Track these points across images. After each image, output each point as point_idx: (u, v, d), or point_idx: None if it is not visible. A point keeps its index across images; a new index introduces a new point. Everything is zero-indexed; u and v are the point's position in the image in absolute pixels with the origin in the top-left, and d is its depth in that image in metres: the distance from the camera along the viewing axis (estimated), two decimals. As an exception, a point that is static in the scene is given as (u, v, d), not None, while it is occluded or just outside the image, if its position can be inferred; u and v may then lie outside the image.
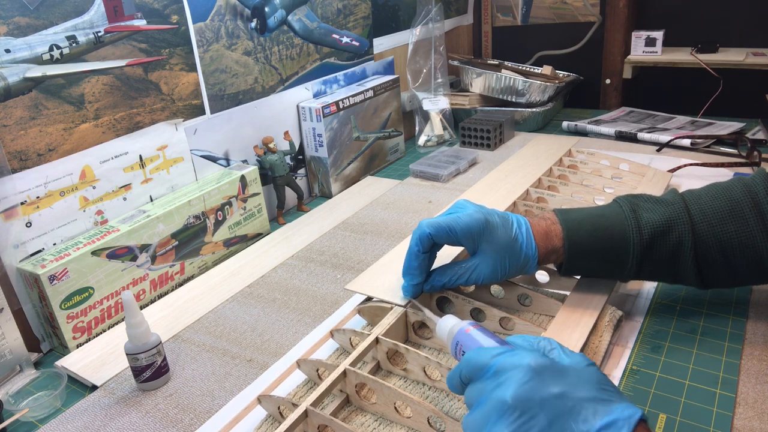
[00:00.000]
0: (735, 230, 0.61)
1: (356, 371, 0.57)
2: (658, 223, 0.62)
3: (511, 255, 0.63)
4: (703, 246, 0.61)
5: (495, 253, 0.63)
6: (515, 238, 0.63)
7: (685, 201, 0.64)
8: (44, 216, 0.75)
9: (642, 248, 0.62)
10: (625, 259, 0.63)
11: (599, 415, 0.39)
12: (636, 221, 0.63)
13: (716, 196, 0.63)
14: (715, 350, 0.63)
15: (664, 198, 0.65)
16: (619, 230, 0.63)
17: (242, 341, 0.72)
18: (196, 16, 0.90)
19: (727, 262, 0.62)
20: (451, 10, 1.63)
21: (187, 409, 0.62)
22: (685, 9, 1.49)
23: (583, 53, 1.62)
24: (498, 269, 0.63)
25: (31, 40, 0.70)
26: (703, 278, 0.63)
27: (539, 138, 1.29)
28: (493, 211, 0.65)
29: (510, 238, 0.63)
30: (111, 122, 0.81)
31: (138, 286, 0.81)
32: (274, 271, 0.87)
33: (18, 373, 0.70)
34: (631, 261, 0.63)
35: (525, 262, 0.63)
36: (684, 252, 0.62)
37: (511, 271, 0.64)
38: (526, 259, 0.63)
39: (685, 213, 0.62)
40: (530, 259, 0.63)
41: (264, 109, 1.05)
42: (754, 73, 1.36)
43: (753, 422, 0.53)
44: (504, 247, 0.62)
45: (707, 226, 0.61)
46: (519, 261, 0.63)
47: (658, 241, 0.62)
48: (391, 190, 1.13)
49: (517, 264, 0.63)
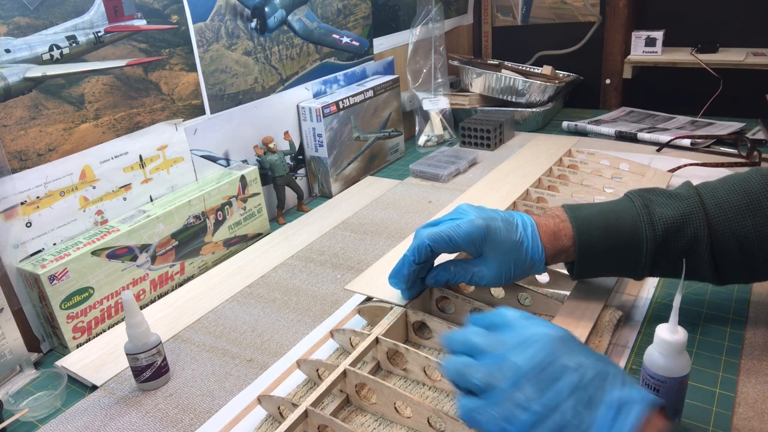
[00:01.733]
0: (753, 224, 0.58)
1: (356, 371, 0.57)
2: (672, 219, 0.59)
3: (516, 259, 0.62)
4: (720, 241, 0.59)
5: (499, 258, 0.62)
6: (520, 242, 0.61)
7: (700, 195, 0.61)
8: (44, 216, 0.75)
9: (656, 245, 0.60)
10: (638, 258, 0.61)
11: (618, 387, 0.40)
12: (649, 217, 0.60)
13: (733, 189, 0.60)
14: (715, 350, 0.63)
15: (677, 192, 0.63)
16: (632, 227, 0.61)
17: (242, 341, 0.72)
18: (196, 16, 0.90)
19: (745, 256, 0.59)
20: (451, 10, 1.63)
21: (187, 409, 0.62)
22: (685, 9, 1.49)
23: (583, 53, 1.62)
24: (502, 274, 0.62)
25: (31, 40, 0.70)
26: (720, 274, 0.61)
27: (539, 138, 1.29)
28: (495, 214, 0.63)
29: (514, 242, 0.61)
30: (111, 122, 0.81)
31: (138, 286, 0.81)
32: (274, 271, 0.87)
33: (18, 373, 0.70)
34: (645, 259, 0.60)
35: (531, 265, 0.62)
36: (700, 248, 0.59)
37: (516, 274, 0.63)
38: (532, 263, 0.62)
39: (700, 207, 0.60)
40: (537, 262, 0.62)
41: (264, 109, 1.05)
42: (754, 73, 1.36)
43: (753, 422, 0.53)
44: (508, 251, 0.61)
45: (724, 220, 0.59)
46: (524, 265, 0.62)
47: (672, 237, 0.59)
48: (391, 190, 1.13)
49: (522, 267, 0.62)
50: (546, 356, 0.42)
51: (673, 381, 0.49)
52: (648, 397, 0.40)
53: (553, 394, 0.40)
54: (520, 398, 0.40)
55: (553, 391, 0.40)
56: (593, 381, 0.40)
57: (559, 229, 0.63)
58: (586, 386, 0.40)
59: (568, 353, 0.42)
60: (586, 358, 0.42)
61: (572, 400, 0.39)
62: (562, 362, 0.41)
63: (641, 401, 0.39)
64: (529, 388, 0.40)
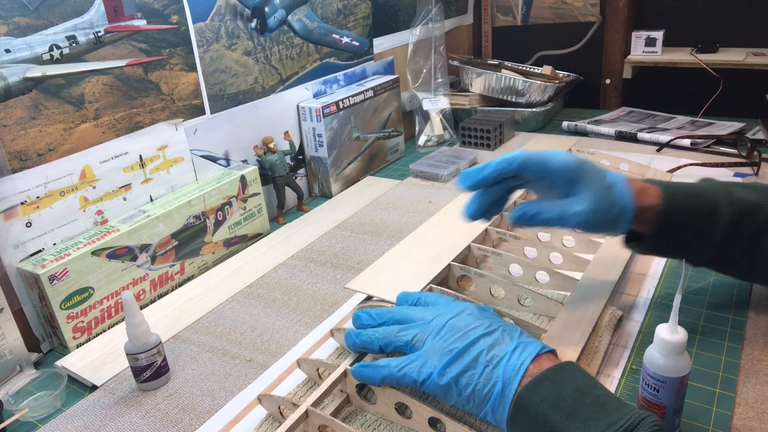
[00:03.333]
0: None
1: (356, 371, 0.57)
2: (751, 202, 0.61)
3: (607, 201, 0.58)
4: None
5: (593, 195, 0.57)
6: (611, 186, 0.58)
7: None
8: (44, 216, 0.75)
9: (730, 223, 0.60)
10: (712, 231, 0.60)
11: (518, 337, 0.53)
12: (729, 194, 0.61)
13: None
14: (715, 350, 0.63)
15: (756, 185, 0.65)
16: (712, 199, 0.61)
17: (242, 341, 0.72)
18: (196, 16, 0.90)
19: None
20: (451, 10, 1.63)
21: (187, 409, 0.62)
22: (685, 9, 1.49)
23: (583, 53, 1.62)
24: (597, 211, 0.57)
25: (31, 40, 0.70)
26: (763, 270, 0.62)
27: (539, 138, 1.30)
28: None
29: (607, 185, 0.58)
30: (111, 122, 0.81)
31: (138, 286, 0.81)
32: (274, 271, 0.87)
33: (18, 373, 0.70)
34: (717, 234, 0.60)
35: (619, 213, 0.58)
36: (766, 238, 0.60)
37: (605, 220, 0.58)
38: (620, 211, 0.58)
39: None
40: (625, 211, 0.58)
41: (264, 109, 1.05)
42: (754, 73, 1.36)
43: (753, 422, 0.53)
44: (600, 191, 0.57)
45: None
46: (613, 211, 0.58)
47: (746, 218, 0.60)
48: (391, 190, 1.13)
49: (610, 214, 0.58)
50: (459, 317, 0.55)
51: (673, 381, 0.49)
52: (542, 343, 0.52)
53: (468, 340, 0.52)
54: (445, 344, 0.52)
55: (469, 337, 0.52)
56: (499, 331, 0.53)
57: (645, 187, 0.61)
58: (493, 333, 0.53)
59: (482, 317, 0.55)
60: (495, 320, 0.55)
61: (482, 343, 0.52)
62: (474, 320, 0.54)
63: (536, 343, 0.52)
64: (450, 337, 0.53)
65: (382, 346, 0.57)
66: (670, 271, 0.78)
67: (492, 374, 0.50)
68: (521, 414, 0.47)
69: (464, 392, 0.50)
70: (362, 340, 0.59)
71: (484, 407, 0.50)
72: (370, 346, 0.58)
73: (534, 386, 0.48)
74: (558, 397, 0.46)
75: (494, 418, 0.50)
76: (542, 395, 0.47)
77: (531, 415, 0.47)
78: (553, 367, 0.49)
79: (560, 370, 0.48)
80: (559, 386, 0.47)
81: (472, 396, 0.50)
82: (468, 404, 0.51)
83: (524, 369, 0.49)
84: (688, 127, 1.31)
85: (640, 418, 0.43)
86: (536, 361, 0.50)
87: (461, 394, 0.51)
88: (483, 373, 0.50)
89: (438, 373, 0.51)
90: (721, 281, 0.74)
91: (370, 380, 0.55)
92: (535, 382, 0.48)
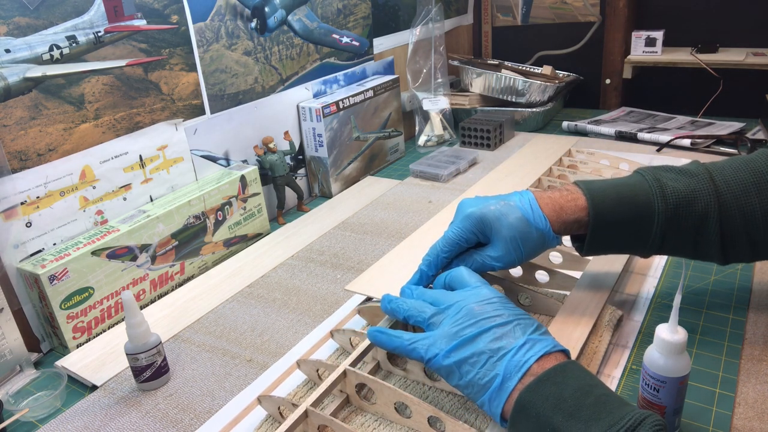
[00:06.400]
0: (759, 202, 0.59)
1: (356, 371, 0.57)
2: (684, 193, 0.60)
3: (523, 235, 0.62)
4: (728, 218, 0.59)
5: (503, 238, 0.62)
6: (521, 218, 0.62)
7: (709, 171, 0.61)
8: (44, 216, 0.75)
9: (667, 219, 0.60)
10: (649, 230, 0.61)
11: (530, 333, 0.52)
12: (661, 190, 0.60)
13: (740, 168, 0.61)
14: (715, 350, 0.63)
15: (687, 168, 0.63)
16: (645, 199, 0.61)
17: (242, 341, 0.72)
18: (196, 16, 0.90)
19: (750, 235, 0.59)
20: (451, 10, 1.63)
21: (187, 409, 0.62)
22: (685, 9, 1.49)
23: (583, 53, 1.62)
24: (512, 252, 0.62)
25: (31, 40, 0.70)
26: (725, 253, 0.61)
27: (539, 138, 1.30)
28: (490, 199, 0.65)
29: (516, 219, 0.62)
30: (111, 122, 0.81)
31: (138, 286, 0.81)
32: (274, 271, 0.87)
33: (18, 373, 0.70)
34: (655, 231, 0.60)
35: (540, 237, 0.62)
36: (709, 223, 0.59)
37: (527, 250, 0.63)
38: (539, 235, 0.62)
39: (711, 183, 0.60)
40: (544, 233, 0.62)
41: (264, 109, 1.05)
42: (754, 73, 1.35)
43: (753, 422, 0.53)
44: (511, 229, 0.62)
45: (732, 197, 0.59)
46: (533, 238, 0.62)
47: (683, 210, 0.60)
48: (391, 190, 1.13)
49: (531, 242, 0.62)
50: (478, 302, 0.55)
51: (673, 381, 0.49)
52: (554, 341, 0.51)
53: (481, 328, 0.52)
54: (457, 328, 0.53)
55: (481, 326, 0.52)
56: (513, 324, 0.52)
57: (567, 200, 0.63)
58: (506, 325, 0.52)
59: (503, 308, 0.54)
60: (515, 313, 0.54)
61: (492, 333, 0.52)
62: (493, 310, 0.54)
63: (546, 341, 0.51)
64: (465, 322, 0.53)
65: (406, 317, 0.59)
66: (670, 271, 0.78)
67: (494, 366, 0.50)
68: (522, 415, 0.47)
69: (464, 377, 0.51)
70: (392, 306, 0.60)
71: (481, 396, 0.50)
72: (395, 313, 0.60)
73: (535, 387, 0.48)
74: (559, 397, 0.46)
75: (490, 409, 0.50)
76: (543, 396, 0.47)
77: (532, 416, 0.47)
78: (554, 367, 0.49)
79: (561, 370, 0.48)
80: (561, 386, 0.47)
81: (471, 383, 0.51)
82: (467, 389, 0.52)
83: (527, 367, 0.49)
84: (688, 127, 1.31)
85: (642, 418, 0.43)
86: (541, 360, 0.49)
87: (461, 379, 0.51)
88: (486, 364, 0.50)
89: (443, 355, 0.52)
90: (721, 281, 0.74)
91: (382, 345, 0.57)
92: (537, 383, 0.48)
